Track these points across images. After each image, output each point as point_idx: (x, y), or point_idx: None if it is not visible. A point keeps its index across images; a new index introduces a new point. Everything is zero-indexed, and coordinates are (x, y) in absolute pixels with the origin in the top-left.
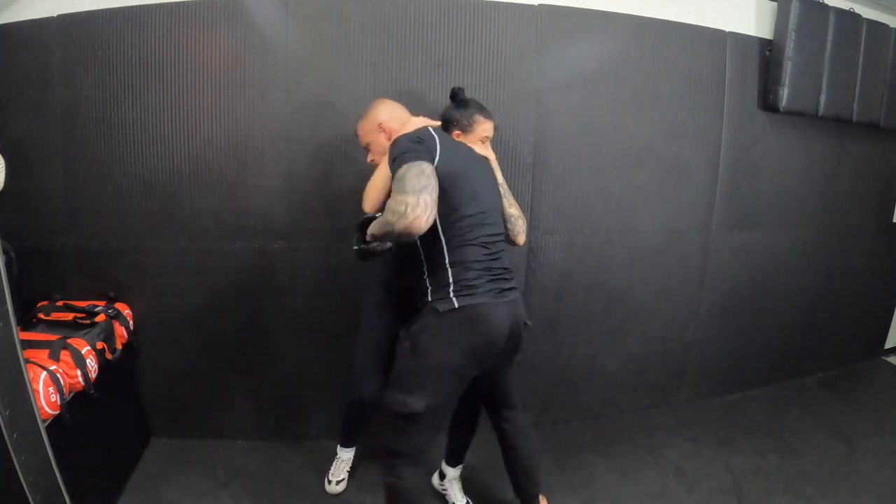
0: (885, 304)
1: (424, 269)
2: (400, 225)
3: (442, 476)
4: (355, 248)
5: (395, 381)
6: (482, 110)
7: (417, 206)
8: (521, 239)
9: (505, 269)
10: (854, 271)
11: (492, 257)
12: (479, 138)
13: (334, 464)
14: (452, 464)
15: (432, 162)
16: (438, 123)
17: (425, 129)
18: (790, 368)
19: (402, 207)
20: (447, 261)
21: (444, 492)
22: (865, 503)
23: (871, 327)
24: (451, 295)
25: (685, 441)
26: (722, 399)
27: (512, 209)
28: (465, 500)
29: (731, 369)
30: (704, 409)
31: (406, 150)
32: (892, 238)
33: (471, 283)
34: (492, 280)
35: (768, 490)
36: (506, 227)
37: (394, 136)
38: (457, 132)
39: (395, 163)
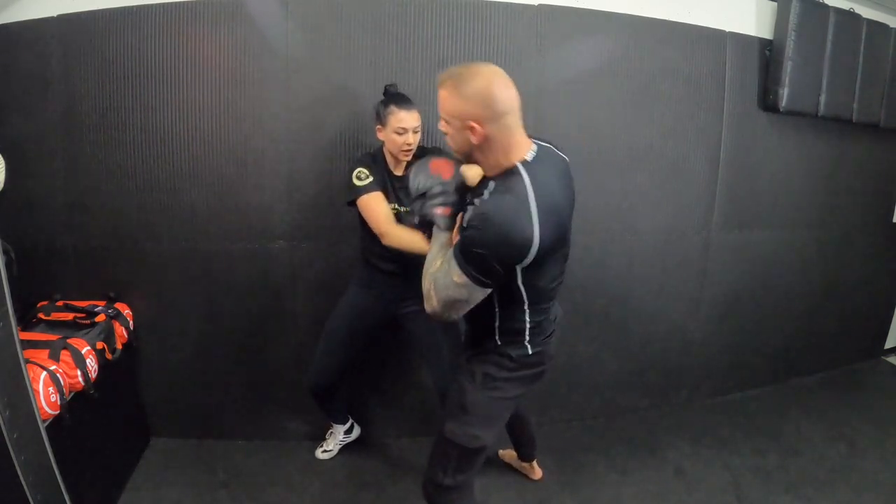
0: (885, 304)
1: (497, 316)
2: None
3: None
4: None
5: (463, 415)
6: (400, 101)
7: (436, 312)
8: None
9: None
10: (854, 271)
11: (554, 297)
12: (394, 129)
13: (329, 435)
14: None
15: (498, 279)
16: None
17: (519, 196)
18: (790, 368)
19: (428, 299)
20: (527, 317)
21: None
22: (865, 503)
23: (871, 327)
24: (526, 343)
25: (685, 441)
26: (722, 399)
27: None
28: None
29: (731, 369)
30: (704, 409)
31: (480, 258)
32: (892, 238)
33: (543, 330)
34: (552, 318)
35: (768, 490)
36: None
37: (484, 146)
38: (378, 126)
39: (464, 259)
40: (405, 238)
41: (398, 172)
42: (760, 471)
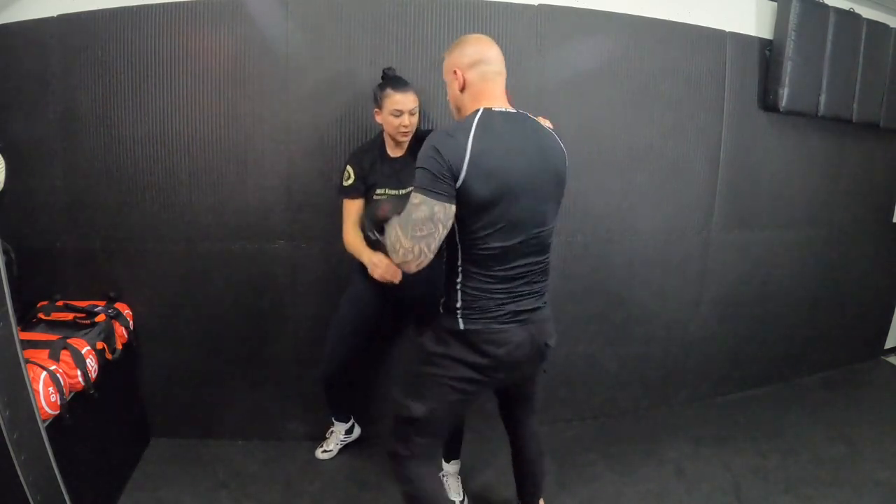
0: (885, 304)
1: (445, 268)
2: (394, 261)
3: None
4: (368, 234)
5: (401, 382)
6: (396, 84)
7: (409, 254)
8: None
9: (533, 291)
10: (854, 271)
11: (521, 282)
12: (390, 112)
13: (330, 435)
14: (447, 458)
15: (451, 192)
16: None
17: (466, 123)
18: (790, 368)
19: (398, 248)
20: (460, 279)
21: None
22: (865, 503)
23: (871, 327)
24: (458, 316)
25: (685, 441)
26: (722, 399)
27: None
28: (462, 497)
29: (731, 369)
30: (704, 409)
31: (425, 172)
32: (892, 238)
33: (482, 307)
34: (511, 302)
35: (768, 490)
36: None
37: (466, 93)
38: (376, 110)
39: (415, 182)
40: (354, 247)
41: (395, 154)
42: (760, 471)
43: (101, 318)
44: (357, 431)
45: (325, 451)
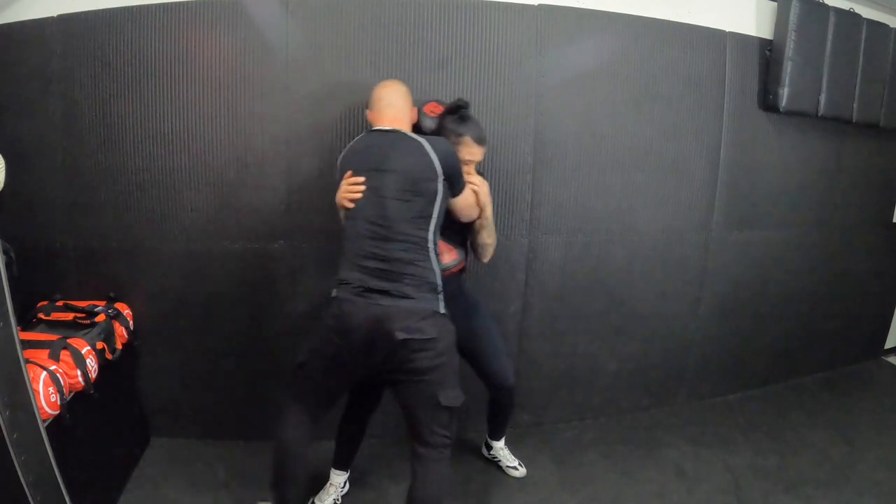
0: (885, 304)
1: None
2: None
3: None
4: None
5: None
6: (475, 133)
7: None
8: (484, 259)
9: (385, 270)
10: (854, 271)
11: (370, 255)
12: (462, 159)
13: (324, 487)
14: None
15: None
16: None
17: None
18: (790, 368)
19: None
20: (342, 251)
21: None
22: (865, 503)
23: (871, 327)
24: (338, 279)
25: (685, 441)
26: (722, 399)
27: (483, 237)
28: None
29: (731, 369)
30: (704, 409)
31: None
32: (892, 238)
33: (343, 278)
34: (363, 276)
35: (768, 490)
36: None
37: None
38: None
39: None
40: None
41: None
42: (760, 471)
43: (101, 318)
44: (347, 486)
45: None
